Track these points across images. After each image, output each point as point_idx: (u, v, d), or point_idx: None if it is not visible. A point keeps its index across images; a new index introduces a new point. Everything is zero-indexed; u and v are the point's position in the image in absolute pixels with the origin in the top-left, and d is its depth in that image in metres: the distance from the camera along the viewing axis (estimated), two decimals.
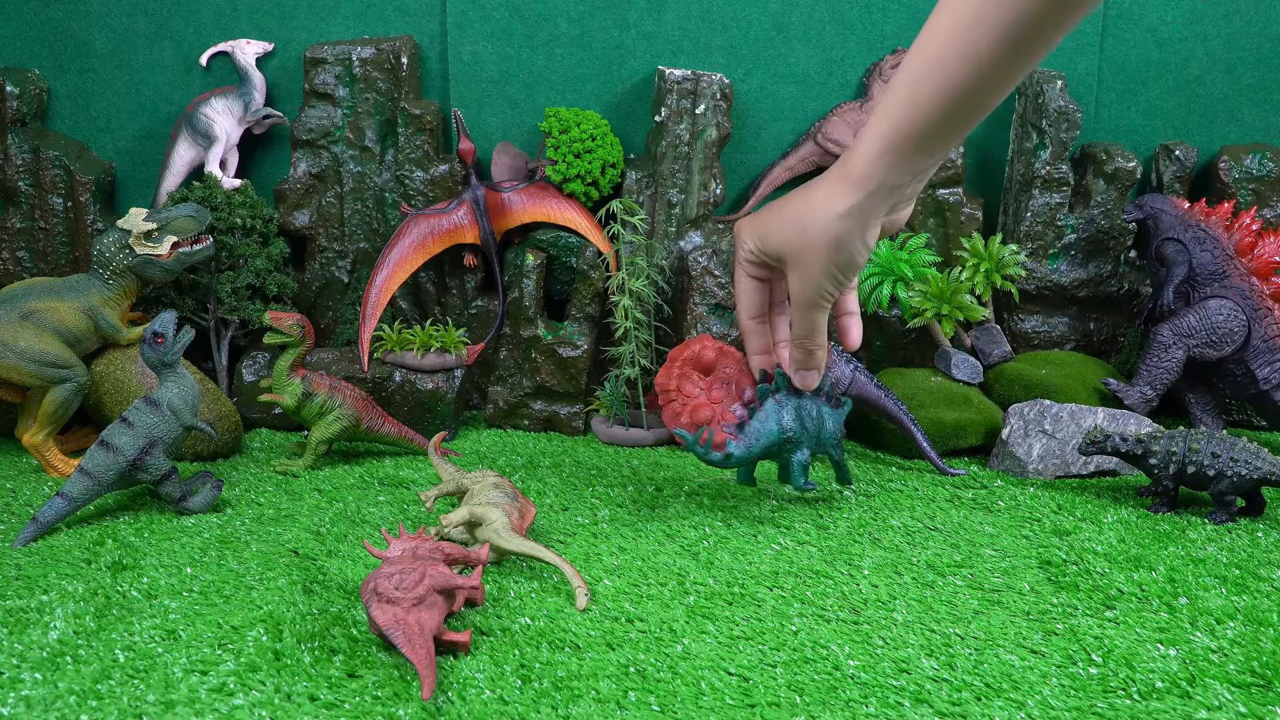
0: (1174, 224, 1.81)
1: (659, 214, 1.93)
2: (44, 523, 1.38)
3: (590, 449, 1.79)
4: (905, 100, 1.06)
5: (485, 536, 1.27)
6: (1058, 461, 1.66)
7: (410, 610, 1.05)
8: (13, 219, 1.90)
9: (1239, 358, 1.76)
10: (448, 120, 1.99)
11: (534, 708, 0.99)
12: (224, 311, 1.87)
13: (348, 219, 1.94)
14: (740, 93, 2.00)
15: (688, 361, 1.81)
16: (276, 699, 1.00)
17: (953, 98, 1.02)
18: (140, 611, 1.17)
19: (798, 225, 1.19)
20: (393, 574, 1.08)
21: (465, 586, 1.12)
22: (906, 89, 1.05)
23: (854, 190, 1.14)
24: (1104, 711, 1.00)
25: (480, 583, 1.14)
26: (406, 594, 1.06)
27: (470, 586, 1.12)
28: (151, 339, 1.46)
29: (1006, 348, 1.90)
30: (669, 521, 1.46)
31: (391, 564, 1.11)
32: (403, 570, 1.09)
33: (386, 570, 1.09)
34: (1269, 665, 1.07)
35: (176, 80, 1.97)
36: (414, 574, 1.08)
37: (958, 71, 1.01)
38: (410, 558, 1.12)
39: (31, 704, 0.98)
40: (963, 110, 1.04)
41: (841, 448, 1.51)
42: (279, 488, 1.58)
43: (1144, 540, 1.40)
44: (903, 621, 1.17)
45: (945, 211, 1.95)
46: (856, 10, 1.98)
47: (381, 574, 1.09)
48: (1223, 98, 2.01)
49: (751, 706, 1.00)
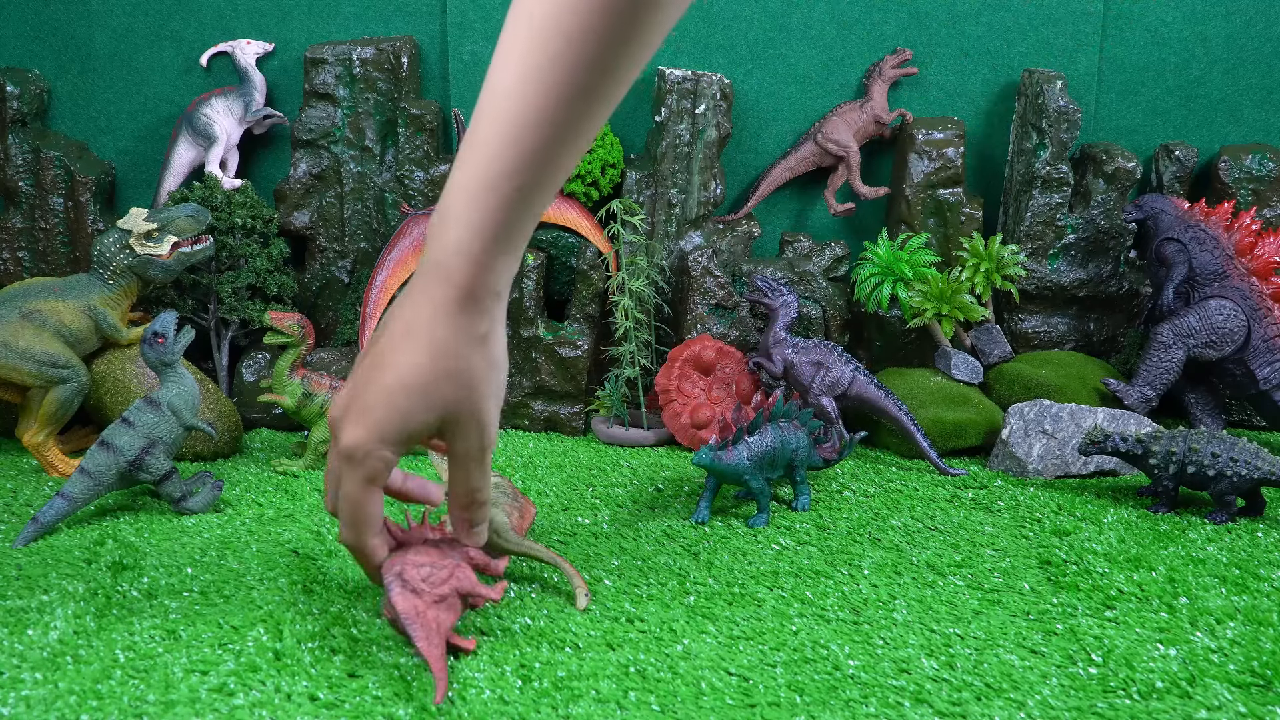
0: (1174, 224, 1.81)
1: (659, 214, 1.93)
2: (44, 523, 1.38)
3: (590, 449, 1.79)
4: (513, 190, 0.92)
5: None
6: (1058, 461, 1.66)
7: (431, 606, 1.05)
8: (13, 219, 1.90)
9: (1239, 358, 1.76)
10: (448, 120, 1.99)
11: (534, 708, 0.99)
12: (224, 311, 1.87)
13: (348, 219, 1.94)
14: (740, 93, 2.00)
15: (688, 361, 1.81)
16: (276, 699, 1.00)
17: (553, 159, 0.91)
18: (140, 611, 1.17)
19: (448, 381, 0.97)
20: (422, 565, 1.07)
21: (486, 598, 1.11)
22: (510, 178, 0.92)
23: (483, 305, 0.96)
24: (1104, 711, 1.00)
25: (500, 596, 1.13)
26: (432, 589, 1.06)
27: (491, 599, 1.12)
28: (152, 339, 1.46)
29: (1006, 348, 1.90)
30: (669, 521, 1.46)
31: (421, 554, 1.09)
32: (434, 564, 1.07)
33: (415, 559, 1.07)
34: (1269, 665, 1.07)
35: (177, 80, 1.98)
36: (444, 571, 1.07)
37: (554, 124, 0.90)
38: (440, 554, 1.10)
39: (31, 704, 0.98)
40: (568, 161, 0.93)
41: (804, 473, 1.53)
42: (279, 488, 1.58)
43: (1144, 540, 1.40)
44: (903, 621, 1.17)
45: (945, 211, 1.95)
46: (856, 10, 1.98)
47: (410, 561, 1.07)
48: (1223, 98, 2.01)
49: (751, 706, 1.00)
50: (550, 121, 0.90)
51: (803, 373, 1.72)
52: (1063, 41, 1.99)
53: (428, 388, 0.96)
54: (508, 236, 0.94)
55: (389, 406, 0.97)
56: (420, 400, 0.97)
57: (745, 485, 1.44)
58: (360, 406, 0.98)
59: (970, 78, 2.01)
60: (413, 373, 0.96)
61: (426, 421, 0.98)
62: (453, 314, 0.95)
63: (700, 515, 1.45)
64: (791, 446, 1.48)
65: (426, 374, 0.96)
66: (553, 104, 0.89)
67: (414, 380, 0.96)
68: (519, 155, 0.91)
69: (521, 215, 0.94)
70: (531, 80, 0.89)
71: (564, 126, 0.91)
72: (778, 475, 1.48)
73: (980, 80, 2.01)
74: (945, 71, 2.01)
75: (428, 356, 0.96)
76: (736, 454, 1.42)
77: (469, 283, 0.94)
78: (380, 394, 0.97)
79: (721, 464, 1.42)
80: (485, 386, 0.99)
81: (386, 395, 0.97)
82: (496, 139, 0.91)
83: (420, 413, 0.97)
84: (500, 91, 0.91)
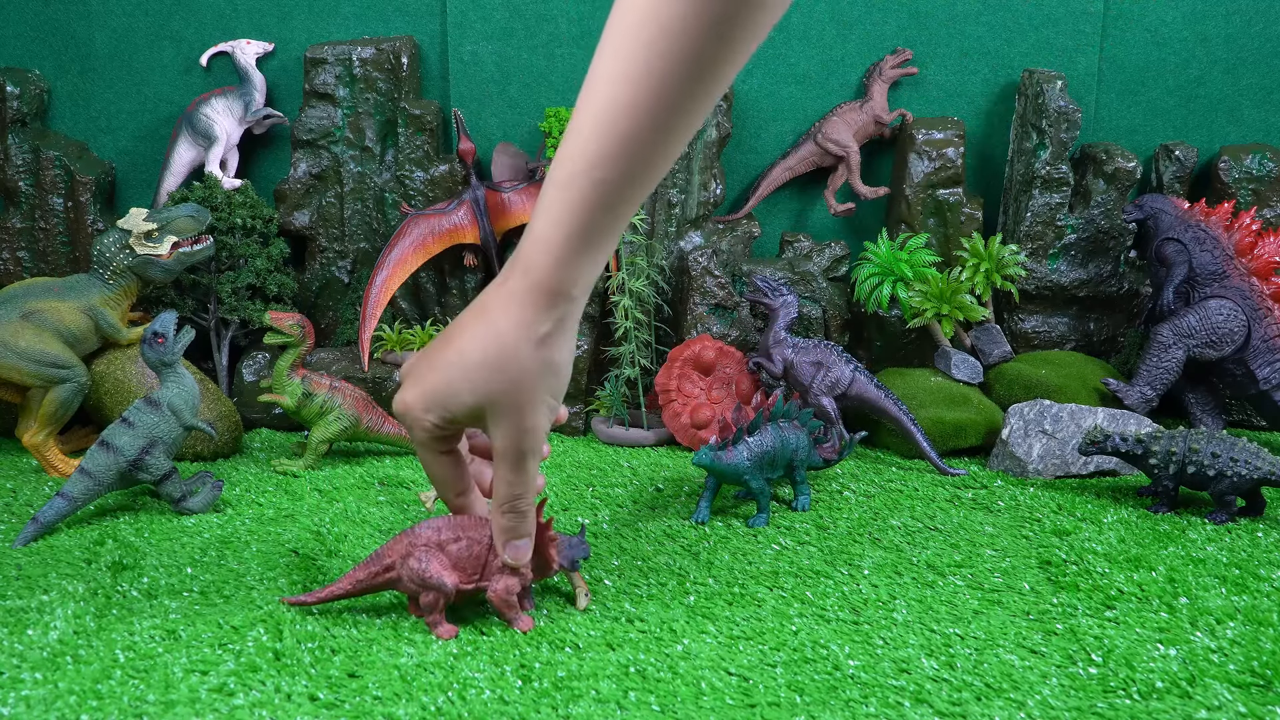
0: (1174, 224, 1.81)
1: (659, 214, 1.93)
2: (44, 523, 1.38)
3: (590, 449, 1.79)
4: (595, 182, 0.90)
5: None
6: (1058, 461, 1.66)
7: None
8: (13, 219, 1.91)
9: (1239, 358, 1.76)
10: (448, 120, 1.99)
11: (534, 708, 0.99)
12: (224, 311, 1.87)
13: (348, 219, 1.94)
14: (740, 93, 2.00)
15: (688, 361, 1.81)
16: (276, 699, 1.00)
17: (638, 152, 0.89)
18: (140, 611, 1.17)
19: (495, 368, 0.96)
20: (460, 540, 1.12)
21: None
22: (593, 171, 0.90)
23: (554, 303, 0.95)
24: (1104, 711, 1.00)
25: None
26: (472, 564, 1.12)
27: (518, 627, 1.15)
28: (152, 339, 1.46)
29: (1006, 348, 1.90)
30: (669, 521, 1.46)
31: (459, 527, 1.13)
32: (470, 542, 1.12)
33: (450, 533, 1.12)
34: (1269, 665, 1.07)
35: (177, 80, 1.98)
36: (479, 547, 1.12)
37: (641, 113, 0.87)
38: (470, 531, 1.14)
39: (31, 704, 0.98)
40: (654, 161, 0.90)
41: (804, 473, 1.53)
42: (279, 488, 1.58)
43: (1144, 540, 1.40)
44: (903, 621, 1.17)
45: (945, 211, 1.95)
46: (856, 10, 1.98)
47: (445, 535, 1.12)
48: (1223, 98, 2.01)
49: (751, 706, 1.00)
50: (640, 111, 0.87)
51: (803, 373, 1.72)
52: (1063, 41, 1.99)
53: (474, 370, 0.97)
54: (587, 233, 0.92)
55: (436, 377, 0.99)
56: (463, 379, 0.97)
57: (745, 485, 1.44)
58: (417, 371, 1.01)
59: (970, 78, 2.01)
60: (465, 352, 0.97)
61: (466, 403, 0.98)
62: (520, 304, 0.95)
63: (700, 515, 1.45)
64: (791, 446, 1.48)
65: (477, 356, 0.96)
66: (642, 94, 0.87)
67: (464, 359, 0.97)
68: (604, 146, 0.89)
69: (604, 212, 0.91)
70: (623, 69, 0.87)
71: (652, 118, 0.88)
72: (778, 475, 1.48)
73: (980, 80, 2.01)
74: (945, 71, 2.01)
75: (483, 340, 0.96)
76: (736, 454, 1.42)
77: (542, 276, 0.94)
78: (434, 363, 0.99)
79: (721, 464, 1.42)
80: (533, 386, 0.97)
81: (438, 366, 0.99)
82: (587, 128, 0.89)
83: (462, 392, 0.98)
84: (595, 80, 0.89)
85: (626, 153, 0.89)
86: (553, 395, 0.99)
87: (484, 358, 0.96)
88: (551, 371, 0.97)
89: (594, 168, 0.90)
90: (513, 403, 0.97)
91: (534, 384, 0.97)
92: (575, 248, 0.93)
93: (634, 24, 0.86)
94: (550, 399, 0.99)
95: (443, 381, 0.99)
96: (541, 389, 0.98)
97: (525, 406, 0.98)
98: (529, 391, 0.97)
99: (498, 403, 0.97)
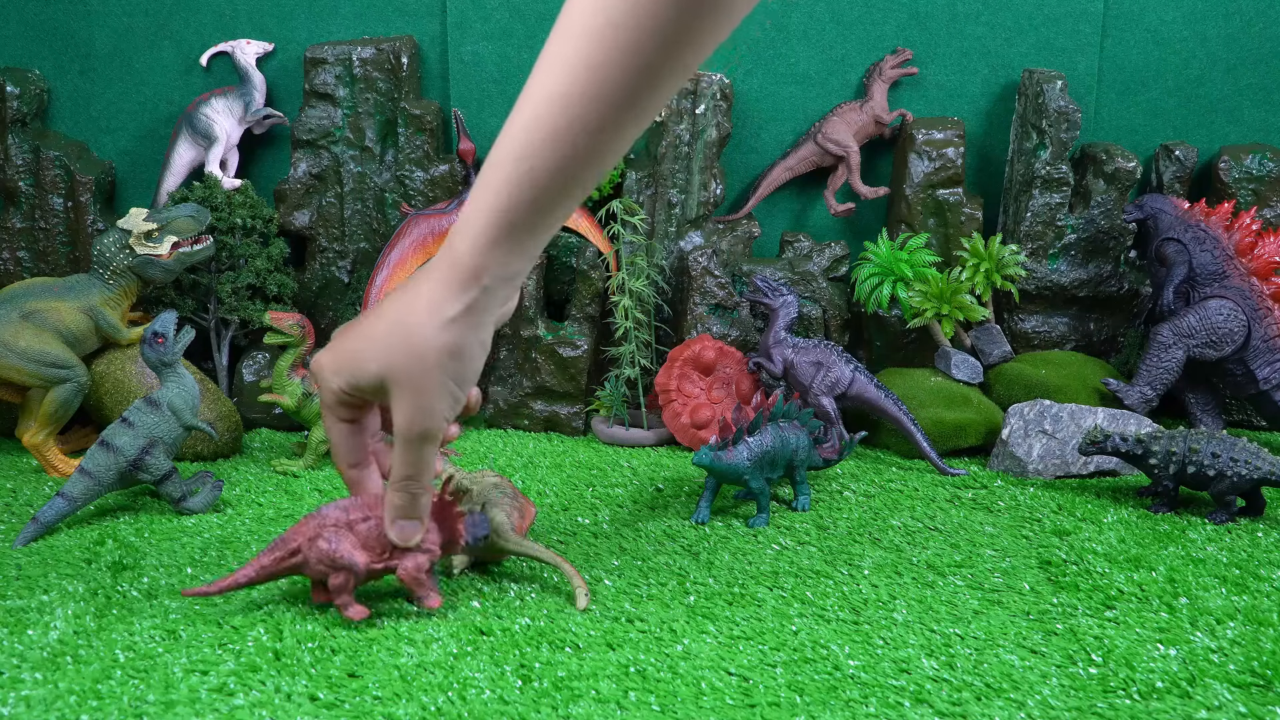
0: (1174, 224, 1.81)
1: (659, 214, 1.93)
2: (44, 523, 1.38)
3: (590, 449, 1.79)
4: (522, 172, 0.88)
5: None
6: (1058, 461, 1.66)
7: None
8: (13, 219, 1.90)
9: (1239, 358, 1.76)
10: (448, 120, 1.99)
11: (534, 708, 0.99)
12: (224, 311, 1.87)
13: (348, 219, 1.94)
14: (740, 93, 2.00)
15: (688, 361, 1.81)
16: (276, 699, 1.00)
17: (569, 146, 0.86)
18: (140, 611, 1.17)
19: (399, 342, 0.95)
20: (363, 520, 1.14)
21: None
22: (521, 160, 0.87)
23: (465, 286, 0.93)
24: (1104, 711, 1.00)
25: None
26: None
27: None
28: (152, 339, 1.46)
29: (1006, 348, 1.90)
30: (669, 521, 1.46)
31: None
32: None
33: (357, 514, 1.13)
34: (1269, 665, 1.07)
35: (177, 80, 1.98)
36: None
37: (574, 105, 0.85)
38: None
39: (31, 704, 0.98)
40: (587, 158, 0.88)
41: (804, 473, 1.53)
42: (279, 488, 1.58)
43: (1144, 540, 1.40)
44: (903, 621, 1.17)
45: (945, 211, 1.95)
46: (856, 10, 1.98)
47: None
48: (1223, 98, 2.01)
49: (751, 706, 1.00)
50: (573, 103, 0.85)
51: (803, 373, 1.72)
52: (1063, 41, 1.99)
53: (380, 341, 0.97)
54: (509, 223, 0.90)
55: (350, 344, 1.00)
56: (370, 349, 0.97)
57: (745, 485, 1.44)
58: (341, 334, 1.02)
59: (970, 78, 2.01)
60: (379, 321, 0.97)
61: (370, 372, 0.98)
62: (433, 283, 0.94)
63: (700, 515, 1.45)
64: (791, 446, 1.48)
65: (386, 326, 0.96)
66: (578, 86, 0.84)
67: (376, 329, 0.97)
68: (533, 136, 0.87)
69: (530, 205, 0.89)
70: (564, 59, 0.85)
71: (585, 112, 0.85)
72: (778, 475, 1.48)
73: (980, 80, 2.01)
74: (945, 71, 2.01)
75: (396, 313, 0.96)
76: (736, 454, 1.42)
77: (457, 258, 0.93)
78: (357, 330, 1.00)
79: (721, 464, 1.42)
80: (436, 366, 0.95)
81: (357, 333, 0.99)
82: (523, 113, 0.87)
83: (369, 361, 0.97)
84: (537, 66, 0.87)
85: (556, 145, 0.87)
86: (456, 380, 0.97)
87: (390, 330, 0.96)
88: (454, 355, 0.95)
89: (522, 157, 0.87)
90: (411, 381, 0.96)
91: (435, 364, 0.95)
92: (493, 236, 0.91)
93: (584, 13, 0.84)
94: (453, 384, 0.97)
95: (355, 349, 0.99)
96: (442, 371, 0.96)
97: (425, 386, 0.96)
98: (430, 371, 0.95)
99: (398, 378, 0.96)
